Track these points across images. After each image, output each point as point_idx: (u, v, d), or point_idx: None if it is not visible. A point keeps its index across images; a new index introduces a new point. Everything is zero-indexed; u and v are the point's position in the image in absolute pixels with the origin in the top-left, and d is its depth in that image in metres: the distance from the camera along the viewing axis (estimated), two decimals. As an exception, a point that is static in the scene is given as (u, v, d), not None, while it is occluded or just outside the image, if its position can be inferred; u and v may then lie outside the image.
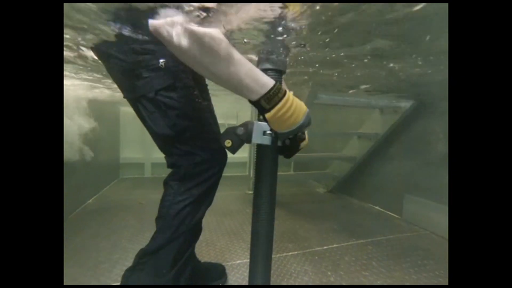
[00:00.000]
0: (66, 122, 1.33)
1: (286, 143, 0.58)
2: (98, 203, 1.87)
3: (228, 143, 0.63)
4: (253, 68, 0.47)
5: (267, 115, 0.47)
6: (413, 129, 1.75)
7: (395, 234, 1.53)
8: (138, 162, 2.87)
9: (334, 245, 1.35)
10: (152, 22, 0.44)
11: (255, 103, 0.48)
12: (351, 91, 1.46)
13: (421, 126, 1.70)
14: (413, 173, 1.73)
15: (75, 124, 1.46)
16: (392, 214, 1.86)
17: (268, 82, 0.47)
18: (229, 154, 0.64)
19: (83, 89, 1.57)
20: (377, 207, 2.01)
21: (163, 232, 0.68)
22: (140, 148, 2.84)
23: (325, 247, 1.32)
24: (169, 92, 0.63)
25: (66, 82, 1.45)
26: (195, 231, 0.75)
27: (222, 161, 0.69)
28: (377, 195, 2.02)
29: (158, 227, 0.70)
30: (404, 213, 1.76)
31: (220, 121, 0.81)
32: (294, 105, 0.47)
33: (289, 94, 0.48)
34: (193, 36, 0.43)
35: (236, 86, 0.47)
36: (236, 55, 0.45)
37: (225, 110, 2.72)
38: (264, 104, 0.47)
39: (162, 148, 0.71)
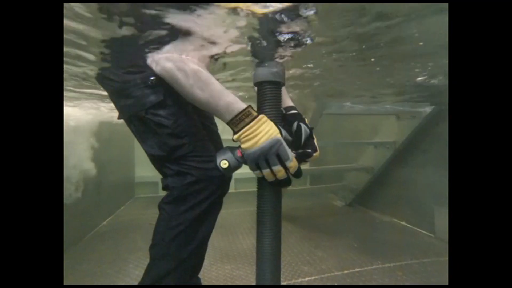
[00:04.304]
0: (71, 146, 1.36)
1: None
2: (112, 225, 1.88)
3: (224, 164, 0.58)
4: (225, 97, 0.56)
5: (234, 136, 0.56)
6: (436, 134, 1.60)
7: (430, 256, 1.32)
8: (152, 181, 2.89)
9: (356, 269, 1.20)
10: (149, 61, 0.60)
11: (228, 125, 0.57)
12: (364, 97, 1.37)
13: (445, 131, 1.55)
14: (442, 182, 1.54)
15: (82, 148, 1.50)
16: (421, 230, 1.66)
17: (236, 109, 0.55)
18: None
19: (91, 110, 1.63)
20: (402, 222, 1.81)
21: (158, 262, 0.63)
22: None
23: (345, 272, 1.18)
24: (159, 109, 0.60)
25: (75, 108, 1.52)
26: (195, 260, 0.68)
27: (218, 181, 0.63)
28: (402, 208, 1.83)
29: (152, 257, 0.64)
30: (438, 230, 1.55)
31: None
32: (259, 130, 0.54)
33: (258, 119, 0.54)
34: (179, 70, 0.56)
35: (211, 111, 0.58)
36: (211, 86, 0.56)
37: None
38: (232, 127, 0.56)
39: (157, 169, 0.68)
